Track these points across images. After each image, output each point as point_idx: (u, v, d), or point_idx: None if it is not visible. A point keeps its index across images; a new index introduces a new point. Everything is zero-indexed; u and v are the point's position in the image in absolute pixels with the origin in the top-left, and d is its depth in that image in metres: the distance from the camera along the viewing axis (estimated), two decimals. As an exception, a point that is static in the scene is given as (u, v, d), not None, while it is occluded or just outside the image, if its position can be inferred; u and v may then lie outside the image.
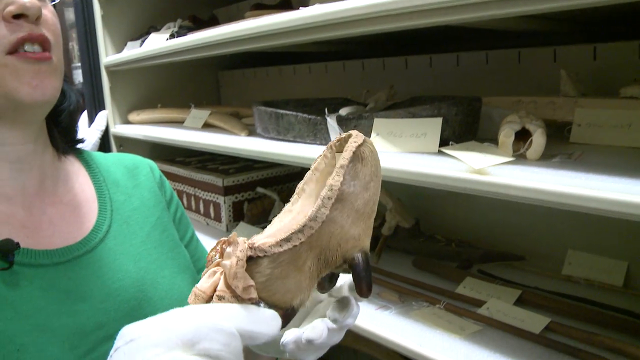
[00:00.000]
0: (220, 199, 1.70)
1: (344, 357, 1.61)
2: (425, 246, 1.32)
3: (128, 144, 1.97)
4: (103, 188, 0.84)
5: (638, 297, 1.06)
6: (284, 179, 1.81)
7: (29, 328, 0.65)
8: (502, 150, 0.84)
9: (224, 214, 1.71)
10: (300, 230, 0.52)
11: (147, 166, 0.93)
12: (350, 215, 0.54)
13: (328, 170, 0.61)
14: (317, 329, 0.57)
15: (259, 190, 1.71)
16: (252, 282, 0.50)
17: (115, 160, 0.91)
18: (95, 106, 2.04)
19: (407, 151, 0.94)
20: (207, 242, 1.56)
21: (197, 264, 0.93)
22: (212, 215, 1.77)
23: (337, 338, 0.61)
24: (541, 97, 1.03)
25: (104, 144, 1.98)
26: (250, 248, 0.51)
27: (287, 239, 0.52)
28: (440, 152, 0.90)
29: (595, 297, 1.04)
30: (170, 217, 0.91)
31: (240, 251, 0.50)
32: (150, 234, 0.84)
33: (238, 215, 1.72)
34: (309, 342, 0.56)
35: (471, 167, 0.78)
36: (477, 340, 0.93)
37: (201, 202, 1.81)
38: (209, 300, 0.52)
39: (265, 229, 0.58)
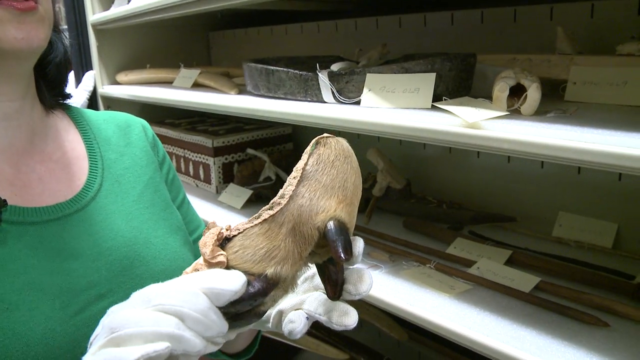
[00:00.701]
0: (210, 160, 1.68)
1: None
2: (416, 208, 1.31)
3: (116, 105, 1.94)
4: (94, 146, 0.82)
5: (627, 258, 1.06)
6: (275, 141, 1.80)
7: (19, 286, 0.64)
8: (496, 105, 0.83)
9: (213, 176, 1.69)
10: (269, 207, 0.55)
11: (140, 125, 0.91)
12: (318, 190, 0.56)
13: None
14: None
15: (249, 151, 1.70)
16: (221, 251, 0.54)
17: (106, 118, 0.89)
18: (83, 66, 2.00)
19: (399, 107, 0.93)
20: (197, 204, 1.56)
21: (189, 227, 0.92)
22: (202, 177, 1.75)
23: None
24: (536, 55, 1.01)
25: (92, 105, 1.95)
26: (227, 230, 0.56)
27: (257, 216, 0.56)
28: (433, 108, 0.88)
29: (585, 259, 1.04)
30: (163, 177, 0.89)
31: (215, 228, 0.55)
32: (142, 193, 0.82)
33: (228, 177, 1.70)
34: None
35: (465, 120, 0.76)
36: (467, 299, 0.92)
37: (191, 163, 1.79)
38: None
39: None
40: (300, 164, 0.57)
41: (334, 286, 0.59)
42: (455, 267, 1.04)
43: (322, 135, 0.60)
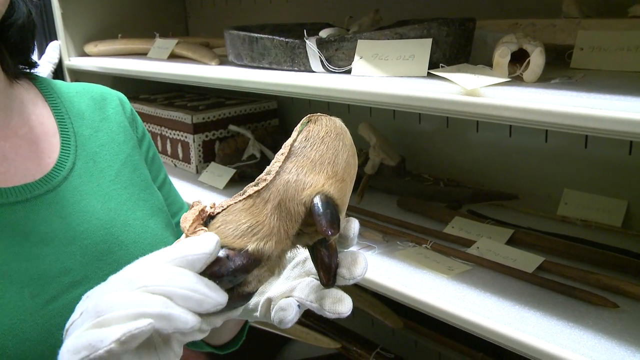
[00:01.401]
0: (190, 138, 1.67)
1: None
2: (411, 186, 1.32)
3: (85, 79, 1.89)
4: (66, 120, 0.80)
5: (637, 238, 1.06)
6: (259, 116, 1.79)
7: None
8: (497, 72, 0.83)
9: (193, 154, 1.68)
10: (255, 184, 0.56)
11: (117, 98, 0.89)
12: (305, 165, 0.56)
13: None
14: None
15: (231, 128, 1.69)
16: (202, 227, 0.54)
17: (79, 90, 0.87)
18: (46, 36, 1.96)
19: (393, 75, 0.92)
20: (176, 186, 1.53)
21: (171, 209, 0.91)
22: (181, 156, 1.74)
23: None
24: (540, 19, 1.01)
25: (58, 80, 1.92)
26: (212, 207, 0.56)
27: (242, 193, 0.56)
28: (429, 75, 0.88)
29: (592, 239, 1.05)
30: (142, 155, 0.88)
31: (198, 206, 0.55)
32: (120, 172, 0.81)
33: (209, 156, 1.70)
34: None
35: (463, 88, 0.76)
36: (466, 280, 0.93)
37: (168, 141, 1.78)
38: None
39: None
40: (288, 141, 0.58)
41: (327, 271, 0.59)
42: (453, 247, 1.04)
43: (314, 114, 0.60)
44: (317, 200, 0.55)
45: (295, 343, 1.74)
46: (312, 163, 0.56)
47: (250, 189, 0.56)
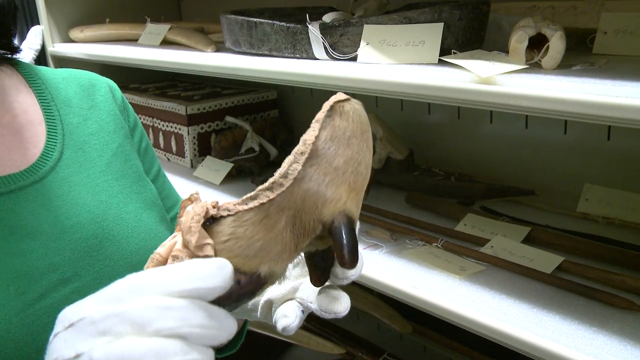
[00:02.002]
0: (184, 130, 1.67)
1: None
2: (421, 181, 1.31)
3: (70, 67, 1.91)
4: (52, 108, 0.80)
5: (664, 236, 1.06)
6: (258, 107, 1.78)
7: None
8: (513, 58, 0.82)
9: (187, 148, 1.68)
10: (269, 188, 0.52)
11: (106, 85, 0.89)
12: (328, 174, 0.53)
13: None
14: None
15: (228, 119, 1.68)
16: (209, 240, 0.50)
17: (66, 76, 0.87)
18: (27, 21, 1.95)
19: (402, 62, 0.92)
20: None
21: (166, 202, 0.91)
22: (174, 149, 1.74)
23: None
24: (560, 1, 1.00)
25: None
26: (213, 207, 0.51)
27: (253, 197, 0.52)
28: (440, 63, 0.88)
29: (615, 237, 1.04)
30: (135, 146, 0.88)
31: (200, 206, 0.51)
32: (110, 163, 0.81)
33: (204, 149, 1.69)
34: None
35: (477, 75, 0.76)
36: (480, 281, 0.93)
37: (161, 134, 1.78)
38: (164, 263, 0.51)
39: None
40: (309, 136, 0.53)
41: (322, 273, 0.58)
42: (465, 246, 1.04)
43: (337, 98, 0.56)
44: (339, 224, 0.53)
45: (296, 348, 1.74)
46: (335, 171, 0.54)
47: (262, 194, 0.52)
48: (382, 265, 0.99)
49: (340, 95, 0.56)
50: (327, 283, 0.60)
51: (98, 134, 0.82)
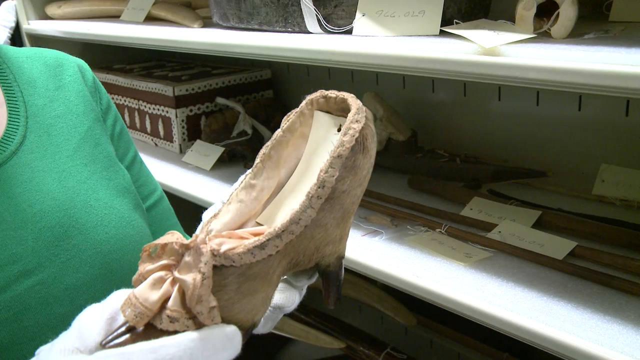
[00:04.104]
0: (172, 113, 1.66)
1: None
2: (424, 163, 1.30)
3: (48, 46, 1.89)
4: (14, 88, 0.80)
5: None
6: (250, 87, 1.77)
7: None
8: (521, 27, 0.81)
9: (176, 132, 1.67)
10: (278, 236, 0.50)
11: (75, 65, 0.89)
12: (337, 217, 0.53)
13: (302, 130, 0.59)
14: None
15: (218, 100, 1.67)
16: (215, 303, 0.48)
17: (30, 55, 0.86)
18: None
19: (401, 34, 0.91)
20: (157, 168, 1.54)
21: (142, 190, 0.91)
22: (162, 133, 1.73)
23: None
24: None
25: (15, 46, 1.90)
26: (215, 255, 0.48)
27: (261, 246, 0.49)
28: (442, 34, 0.87)
29: (633, 220, 1.03)
30: (107, 131, 0.87)
31: (206, 264, 0.47)
32: (79, 147, 0.80)
33: (194, 133, 1.69)
34: (279, 308, 0.62)
35: (481, 46, 0.75)
36: (487, 268, 0.92)
37: (147, 117, 1.77)
38: (151, 317, 0.49)
39: (221, 212, 0.56)
40: (330, 179, 0.51)
41: (338, 293, 0.60)
42: (471, 231, 1.03)
43: (357, 108, 0.53)
44: (333, 269, 0.55)
45: (294, 344, 1.74)
46: (343, 212, 0.53)
47: (271, 244, 0.50)
48: (381, 253, 0.98)
49: (359, 115, 0.53)
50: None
51: (65, 117, 0.81)
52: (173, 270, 0.49)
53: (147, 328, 0.48)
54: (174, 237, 0.49)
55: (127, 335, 0.47)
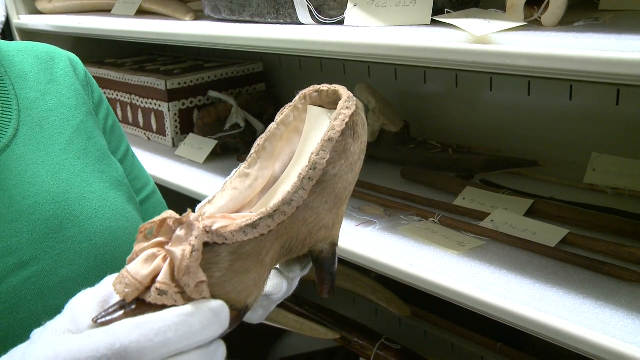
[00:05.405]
0: (164, 107, 1.66)
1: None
2: (416, 154, 1.30)
3: (39, 41, 1.88)
4: (5, 82, 0.79)
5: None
6: (243, 80, 1.77)
7: None
8: (511, 15, 0.81)
9: (169, 125, 1.67)
10: (270, 216, 0.50)
11: (67, 59, 0.89)
12: (329, 201, 0.53)
13: (296, 125, 0.60)
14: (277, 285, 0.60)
15: (211, 94, 1.67)
16: (204, 278, 0.48)
17: (21, 49, 0.86)
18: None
19: (392, 24, 0.91)
20: (150, 162, 1.54)
21: (135, 184, 0.91)
22: (155, 127, 1.73)
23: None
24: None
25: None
26: (207, 232, 0.48)
27: (253, 225, 0.50)
28: (433, 23, 0.87)
29: (625, 208, 1.04)
30: (100, 124, 0.87)
31: (196, 238, 0.47)
32: (72, 140, 0.80)
33: (187, 126, 1.68)
34: (267, 296, 0.60)
35: (472, 34, 0.75)
36: (480, 257, 0.92)
37: (140, 111, 1.77)
38: (144, 291, 0.49)
39: (216, 197, 0.57)
40: (321, 160, 0.51)
41: (332, 282, 0.61)
42: (464, 220, 1.03)
43: (347, 97, 0.55)
44: (328, 255, 0.55)
45: (289, 335, 1.74)
46: (334, 197, 0.54)
47: (263, 223, 0.50)
48: (375, 243, 0.99)
49: (349, 102, 0.54)
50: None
51: (57, 110, 0.81)
52: (166, 247, 0.49)
53: (139, 305, 0.48)
54: (169, 213, 0.50)
55: (120, 313, 0.47)
